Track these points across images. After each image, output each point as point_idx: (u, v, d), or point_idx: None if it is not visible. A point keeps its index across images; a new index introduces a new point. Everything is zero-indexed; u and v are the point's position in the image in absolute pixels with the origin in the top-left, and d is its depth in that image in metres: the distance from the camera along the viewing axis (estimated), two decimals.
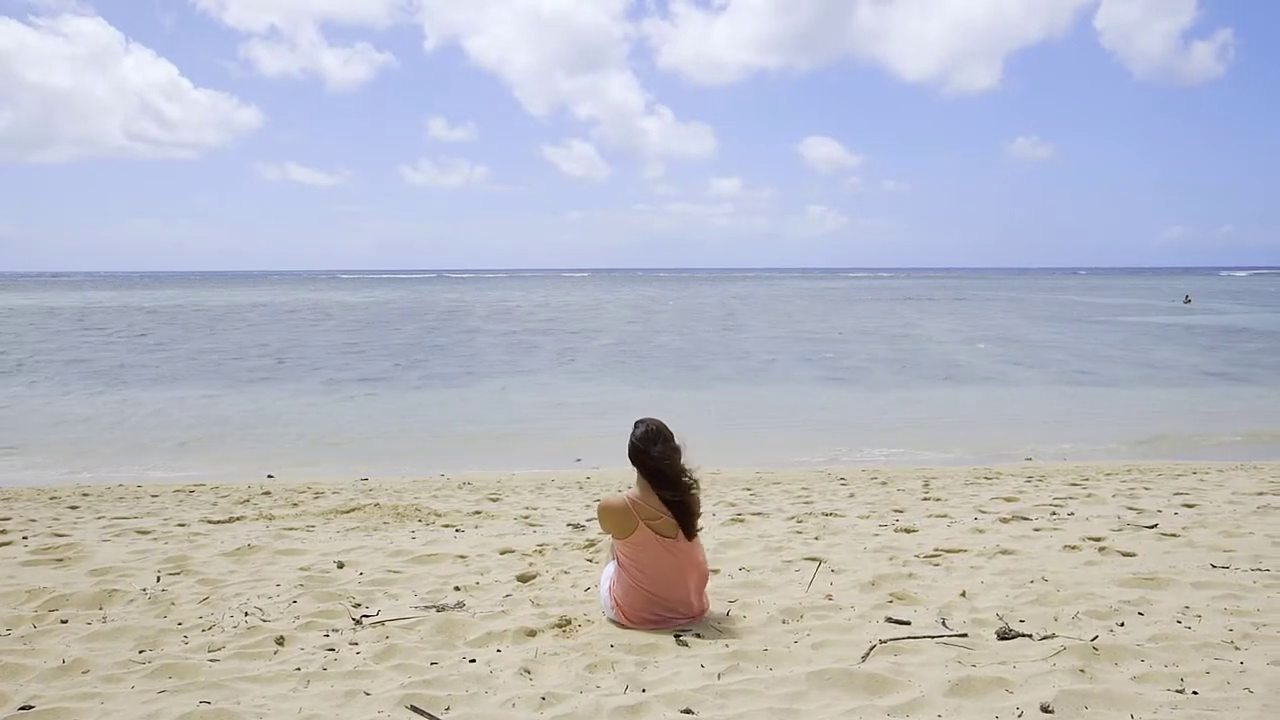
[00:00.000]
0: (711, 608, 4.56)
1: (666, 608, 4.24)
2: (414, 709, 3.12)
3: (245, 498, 9.80)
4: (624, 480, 10.41)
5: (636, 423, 4.40)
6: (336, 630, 4.22)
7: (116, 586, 4.97)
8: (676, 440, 4.33)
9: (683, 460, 4.30)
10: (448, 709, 3.24)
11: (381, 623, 4.34)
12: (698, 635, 4.11)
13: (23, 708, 3.23)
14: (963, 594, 4.80)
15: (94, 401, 19.04)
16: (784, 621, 4.33)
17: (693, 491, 4.28)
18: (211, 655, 3.82)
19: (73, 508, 8.92)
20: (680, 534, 4.26)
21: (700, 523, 4.44)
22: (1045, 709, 3.09)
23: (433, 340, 34.54)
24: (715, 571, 5.44)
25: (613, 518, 4.27)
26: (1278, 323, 42.26)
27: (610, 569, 4.44)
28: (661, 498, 4.22)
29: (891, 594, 4.85)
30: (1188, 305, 57.77)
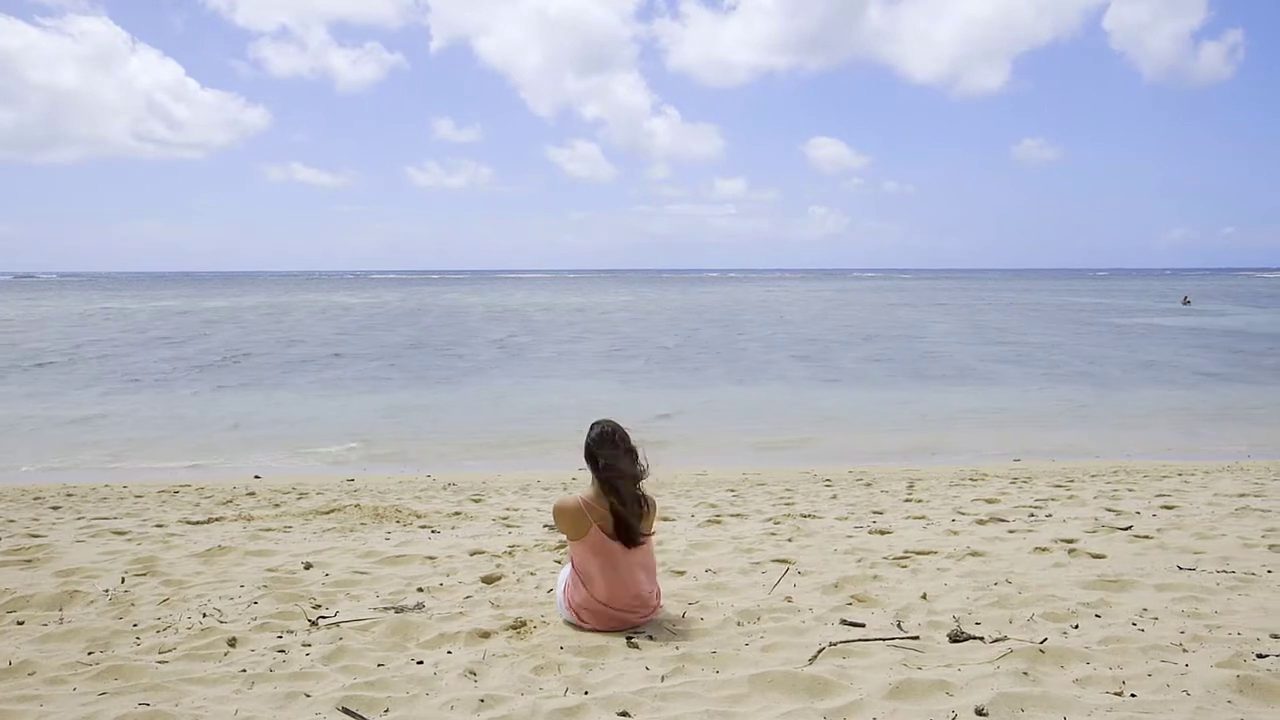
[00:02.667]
0: (671, 609, 4.56)
1: (619, 609, 4.23)
2: (346, 711, 3.12)
3: (228, 498, 9.82)
4: None
5: (592, 424, 4.40)
6: (291, 632, 4.22)
7: (79, 588, 4.97)
8: (631, 444, 4.32)
9: (636, 465, 4.29)
10: (387, 710, 3.24)
11: (337, 624, 4.34)
12: (650, 637, 4.10)
13: None
14: (923, 596, 4.79)
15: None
16: (739, 624, 4.32)
17: (639, 499, 4.26)
18: (161, 657, 3.82)
19: (54, 508, 8.94)
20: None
21: (655, 525, 4.44)
22: (980, 712, 3.08)
23: (427, 341, 34.59)
24: (681, 573, 5.45)
25: (566, 519, 4.27)
26: (1271, 324, 42.17)
27: (566, 570, 4.44)
28: (608, 504, 4.22)
29: (853, 596, 4.84)
30: (1186, 306, 57.71)
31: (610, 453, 4.24)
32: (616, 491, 4.24)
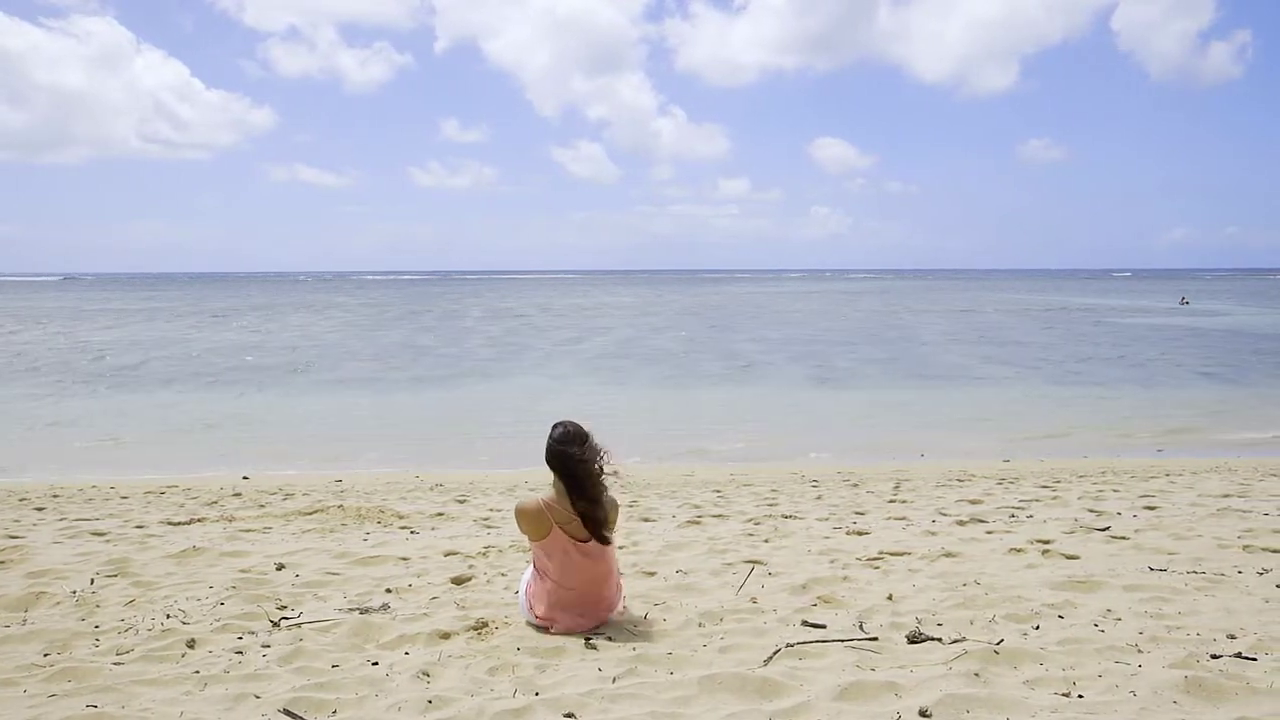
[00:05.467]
0: (636, 610, 4.56)
1: (579, 610, 4.24)
2: (287, 713, 3.12)
3: (214, 499, 9.81)
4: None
5: (554, 425, 4.40)
6: (252, 633, 4.22)
7: (47, 589, 4.98)
8: (594, 443, 4.32)
9: (599, 465, 4.29)
10: (334, 712, 3.24)
11: (299, 625, 4.34)
12: (609, 638, 4.10)
13: None
14: (889, 597, 4.79)
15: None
16: (700, 625, 4.31)
17: (604, 499, 4.26)
18: (117, 659, 3.82)
19: (38, 509, 8.94)
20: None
21: (618, 526, 4.45)
22: (923, 713, 3.08)
23: (424, 341, 34.62)
24: (651, 574, 5.44)
25: (527, 520, 4.28)
26: (1267, 323, 42.15)
27: (529, 572, 4.45)
28: (572, 503, 4.22)
29: (819, 597, 4.84)
30: (1185, 306, 57.69)
31: (574, 453, 4.24)
32: (583, 491, 4.24)
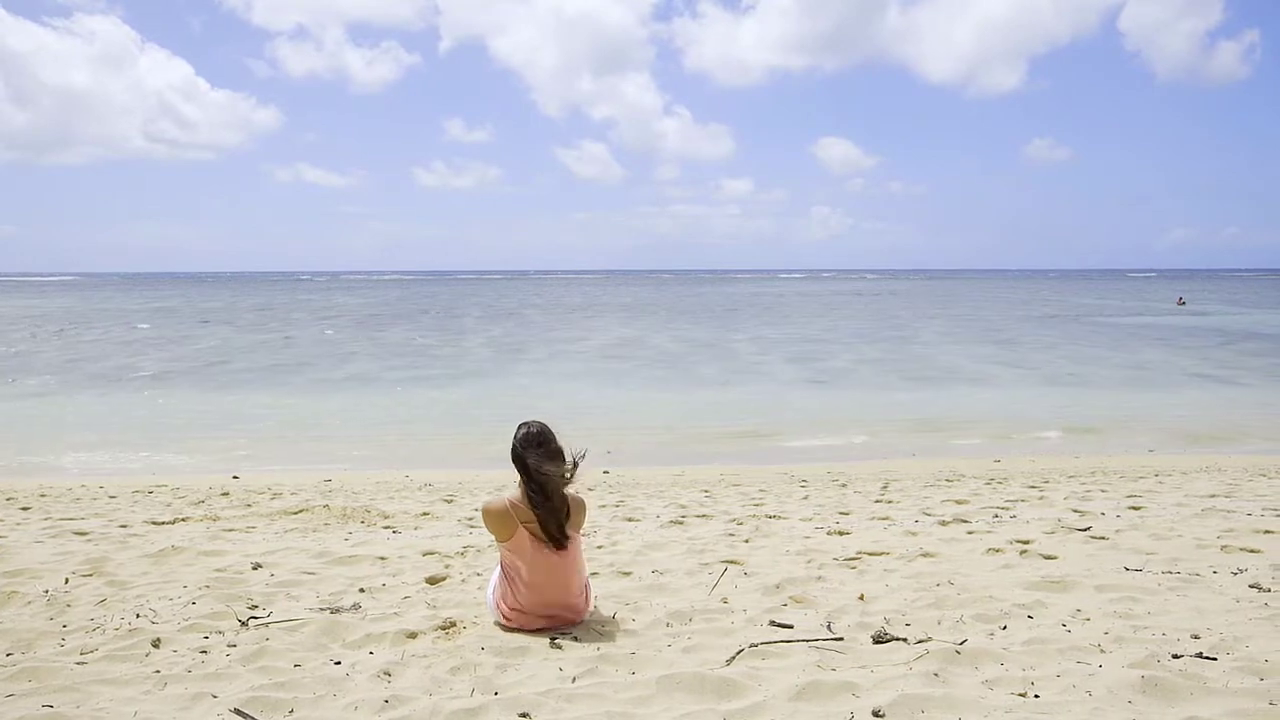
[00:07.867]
0: (606, 610, 4.55)
1: (545, 610, 4.23)
2: (239, 713, 3.12)
3: (202, 498, 9.81)
4: (588, 481, 10.41)
5: (519, 425, 4.41)
6: (220, 632, 4.22)
7: (20, 589, 4.97)
8: (558, 444, 4.32)
9: (565, 466, 4.28)
10: (291, 711, 3.24)
11: (266, 624, 4.34)
12: (575, 639, 4.09)
13: None
14: (860, 597, 4.78)
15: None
16: (668, 625, 4.31)
17: (565, 500, 4.26)
18: (81, 658, 3.82)
19: (24, 509, 8.94)
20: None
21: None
22: (877, 714, 3.07)
23: (423, 340, 34.64)
24: (627, 574, 5.44)
25: (492, 520, 4.28)
26: (1258, 322, 42.13)
27: (496, 572, 4.45)
28: (530, 505, 4.23)
29: (791, 597, 4.83)
30: (1181, 306, 57.74)
31: (537, 454, 4.24)
32: (544, 493, 4.24)
